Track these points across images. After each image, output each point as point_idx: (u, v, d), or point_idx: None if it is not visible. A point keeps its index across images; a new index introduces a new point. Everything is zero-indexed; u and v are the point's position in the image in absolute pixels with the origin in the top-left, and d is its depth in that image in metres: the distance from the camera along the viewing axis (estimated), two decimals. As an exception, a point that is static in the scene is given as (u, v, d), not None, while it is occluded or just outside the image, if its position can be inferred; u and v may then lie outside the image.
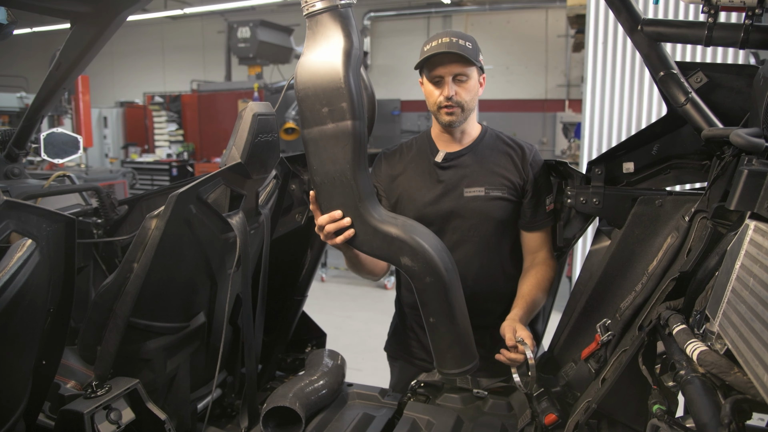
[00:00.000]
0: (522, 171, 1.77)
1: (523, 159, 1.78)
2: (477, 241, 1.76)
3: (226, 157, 1.47)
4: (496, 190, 1.75)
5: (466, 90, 1.69)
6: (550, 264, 1.80)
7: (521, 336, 1.52)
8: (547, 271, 1.78)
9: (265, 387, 1.97)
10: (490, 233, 1.76)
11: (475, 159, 1.78)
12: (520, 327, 1.57)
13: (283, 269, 1.97)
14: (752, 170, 1.00)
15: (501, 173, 1.76)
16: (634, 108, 4.38)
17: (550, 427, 1.50)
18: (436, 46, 1.65)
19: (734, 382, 0.91)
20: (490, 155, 1.79)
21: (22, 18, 2.08)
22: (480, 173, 1.76)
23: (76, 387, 1.46)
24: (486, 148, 1.80)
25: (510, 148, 1.80)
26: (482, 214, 1.75)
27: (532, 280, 1.75)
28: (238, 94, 8.87)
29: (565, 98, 11.93)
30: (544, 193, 1.78)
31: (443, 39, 1.66)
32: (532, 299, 1.69)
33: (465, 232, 1.76)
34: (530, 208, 1.77)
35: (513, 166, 1.77)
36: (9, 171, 2.16)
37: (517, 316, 1.63)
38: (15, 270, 0.99)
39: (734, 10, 1.30)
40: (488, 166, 1.77)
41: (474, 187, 1.75)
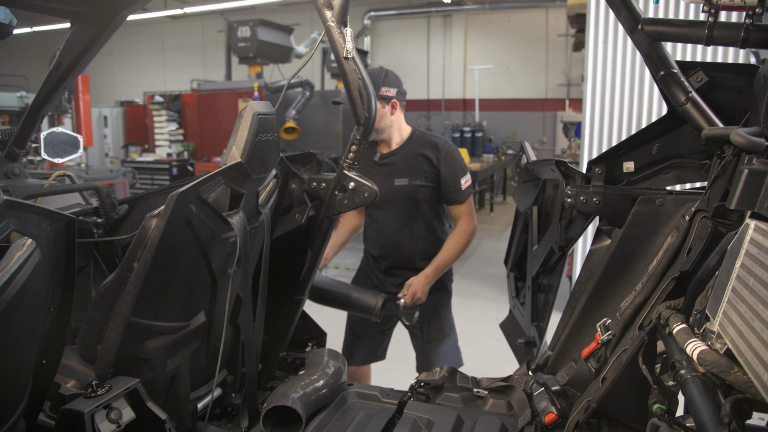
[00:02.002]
0: (436, 163, 2.41)
1: (438, 153, 2.41)
2: (407, 216, 2.48)
3: (226, 157, 1.47)
4: (416, 179, 2.42)
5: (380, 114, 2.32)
6: (464, 228, 2.48)
7: (409, 290, 2.38)
8: (461, 234, 2.48)
9: (266, 386, 1.98)
10: (415, 210, 2.47)
11: (402, 157, 2.44)
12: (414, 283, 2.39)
13: (284, 268, 1.98)
14: (752, 170, 1.00)
15: (420, 167, 2.42)
16: (634, 107, 4.38)
17: (550, 426, 1.50)
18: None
19: (734, 382, 0.91)
20: (413, 154, 2.44)
21: (22, 17, 2.08)
22: (405, 168, 2.43)
23: (76, 386, 1.46)
24: (410, 148, 2.45)
25: (428, 147, 2.43)
26: (408, 197, 2.45)
27: (446, 246, 2.46)
28: (239, 93, 8.87)
29: (565, 97, 11.94)
30: (458, 175, 2.42)
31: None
32: (439, 261, 2.43)
33: (398, 210, 2.48)
34: (448, 188, 2.43)
35: (429, 160, 2.41)
36: (9, 170, 2.16)
37: (422, 275, 2.41)
38: (15, 269, 0.99)
39: (734, 9, 1.30)
40: (410, 162, 2.43)
41: (401, 178, 2.43)
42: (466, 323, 4.77)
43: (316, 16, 1.70)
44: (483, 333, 4.52)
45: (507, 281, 2.55)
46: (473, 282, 6.12)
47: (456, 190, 2.43)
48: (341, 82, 2.18)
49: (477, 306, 5.32)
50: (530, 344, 2.13)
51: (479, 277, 6.32)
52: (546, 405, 1.54)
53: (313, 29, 11.44)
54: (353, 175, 1.79)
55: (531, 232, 2.13)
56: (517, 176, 2.37)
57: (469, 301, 5.42)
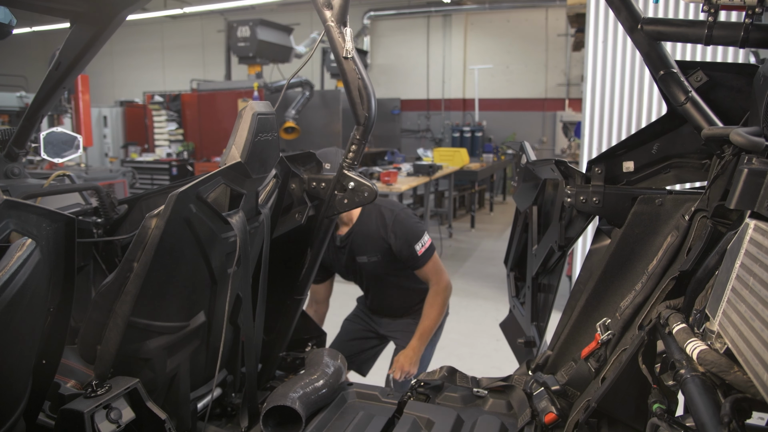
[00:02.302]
0: (386, 237, 2.50)
1: (386, 228, 2.49)
2: (378, 284, 2.66)
3: (226, 157, 1.47)
4: (373, 255, 2.55)
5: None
6: (435, 289, 2.55)
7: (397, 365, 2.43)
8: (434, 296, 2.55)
9: (265, 386, 1.98)
10: (381, 280, 2.64)
11: (358, 236, 2.55)
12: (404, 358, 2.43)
13: (283, 268, 1.97)
14: (752, 169, 1.00)
15: (374, 243, 2.53)
16: (634, 107, 4.38)
17: (549, 426, 1.50)
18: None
19: (734, 381, 0.91)
20: (366, 231, 2.54)
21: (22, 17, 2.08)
22: (362, 246, 2.55)
23: (76, 386, 1.46)
24: (362, 225, 2.54)
25: (377, 222, 2.52)
26: (370, 271, 2.61)
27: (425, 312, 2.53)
28: (238, 93, 8.87)
29: (565, 97, 11.94)
30: (411, 243, 2.47)
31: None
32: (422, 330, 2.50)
33: (369, 280, 2.67)
34: (404, 258, 2.51)
35: (380, 235, 2.51)
36: (9, 170, 2.16)
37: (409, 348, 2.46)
38: (15, 269, 0.99)
39: (734, 9, 1.30)
40: (365, 240, 2.54)
41: (361, 255, 2.57)
42: (466, 323, 4.77)
43: (316, 16, 1.70)
44: (483, 333, 4.52)
45: (507, 281, 2.56)
46: (473, 282, 6.12)
47: (413, 257, 2.49)
48: (341, 81, 2.17)
49: (477, 306, 5.32)
50: (530, 344, 2.13)
51: (479, 276, 6.32)
52: (546, 405, 1.54)
53: (312, 29, 11.45)
54: (353, 175, 1.79)
55: (531, 231, 2.12)
56: (517, 176, 2.37)
57: (468, 300, 5.42)
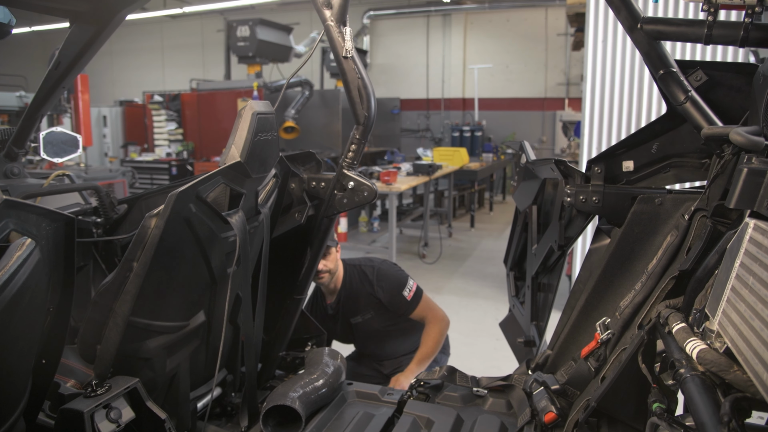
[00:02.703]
0: (375, 293, 2.58)
1: (371, 284, 2.59)
2: (376, 338, 2.69)
3: (225, 156, 1.47)
4: (367, 313, 2.64)
5: (331, 260, 2.52)
6: (432, 324, 2.64)
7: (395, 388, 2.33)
8: (432, 328, 2.64)
9: (265, 386, 1.98)
10: (377, 334, 2.67)
11: (345, 299, 2.64)
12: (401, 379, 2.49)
13: (283, 268, 1.97)
14: (752, 168, 1.00)
15: (364, 302, 2.61)
16: (633, 106, 4.38)
17: (549, 425, 1.50)
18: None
19: (734, 381, 0.91)
20: (353, 292, 2.62)
21: (22, 17, 2.07)
22: (353, 308, 2.64)
23: (76, 386, 1.46)
24: (349, 288, 2.62)
25: (361, 281, 2.61)
26: (366, 329, 2.67)
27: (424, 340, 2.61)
28: (238, 92, 8.87)
29: (564, 97, 11.94)
30: (399, 292, 2.57)
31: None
32: (420, 356, 2.58)
33: (366, 338, 2.71)
34: (395, 307, 2.59)
35: (368, 293, 2.60)
36: (8, 170, 2.16)
37: (407, 371, 2.54)
38: (14, 269, 0.99)
39: (734, 8, 1.30)
40: (355, 302, 2.63)
41: (354, 316, 2.65)
42: (466, 323, 4.77)
43: (316, 16, 1.70)
44: (482, 332, 4.52)
45: (506, 280, 2.56)
46: (473, 281, 6.12)
47: (404, 304, 2.59)
48: (341, 81, 2.17)
49: (476, 305, 5.32)
50: (530, 343, 2.13)
51: (479, 276, 6.32)
52: (545, 404, 1.54)
53: (312, 28, 11.44)
54: (353, 174, 1.79)
55: (530, 231, 2.12)
56: (517, 175, 2.36)
57: (468, 300, 5.42)
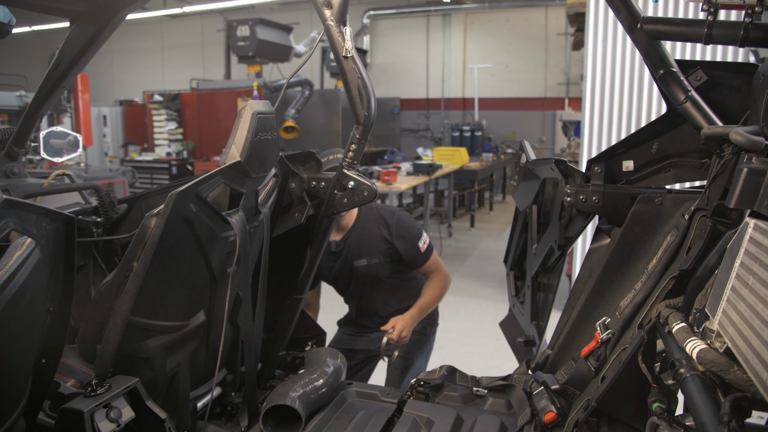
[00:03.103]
0: (391, 239, 2.49)
1: (389, 229, 2.48)
2: (373, 289, 2.59)
3: (225, 156, 1.47)
4: (374, 257, 2.51)
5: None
6: (438, 277, 2.59)
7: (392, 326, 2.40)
8: (438, 281, 2.58)
9: (265, 385, 1.98)
10: (380, 283, 2.58)
11: (355, 239, 2.52)
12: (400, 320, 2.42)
13: (283, 268, 1.97)
14: (752, 168, 1.00)
15: (376, 245, 2.50)
16: (633, 106, 4.38)
17: (549, 425, 1.50)
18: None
19: (734, 380, 0.91)
20: (365, 234, 2.51)
21: (22, 17, 2.08)
22: (361, 250, 2.52)
23: (75, 385, 1.46)
24: (361, 228, 2.52)
25: (378, 224, 2.50)
26: (369, 275, 2.55)
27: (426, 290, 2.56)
28: (238, 92, 8.87)
29: (564, 96, 11.94)
30: (415, 242, 2.50)
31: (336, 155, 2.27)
32: (421, 303, 2.52)
33: (362, 286, 2.59)
34: (409, 258, 2.52)
35: (382, 236, 2.49)
36: (8, 170, 2.16)
37: (407, 314, 2.46)
38: (14, 269, 0.99)
39: (734, 8, 1.30)
40: (365, 242, 2.51)
41: (359, 259, 2.52)
42: (466, 322, 4.77)
43: (316, 15, 1.70)
44: (482, 332, 4.53)
45: (506, 280, 2.56)
46: (472, 281, 6.13)
47: (417, 255, 2.53)
48: (341, 81, 2.17)
49: (476, 305, 5.32)
50: (530, 343, 2.13)
51: (478, 276, 6.32)
52: (545, 404, 1.54)
53: (312, 28, 11.45)
54: (353, 174, 1.79)
55: (530, 231, 2.12)
56: (517, 175, 2.36)
57: (468, 300, 5.42)
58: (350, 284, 2.61)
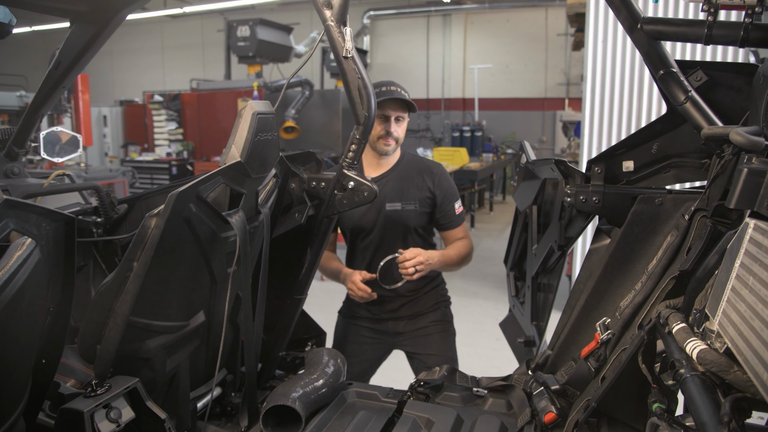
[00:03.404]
0: (432, 187, 2.32)
1: (433, 177, 2.33)
2: (398, 241, 2.32)
3: (225, 156, 1.47)
4: (409, 204, 2.30)
5: (402, 129, 2.29)
6: (464, 242, 2.37)
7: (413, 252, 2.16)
8: (464, 244, 2.37)
9: (265, 386, 1.98)
10: (407, 236, 2.34)
11: (394, 180, 2.32)
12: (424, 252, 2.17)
13: (283, 268, 1.97)
14: (752, 169, 1.00)
15: (414, 191, 2.31)
16: (633, 106, 4.38)
17: (549, 425, 1.50)
18: (390, 91, 2.19)
19: (734, 381, 0.91)
20: (405, 177, 2.33)
21: (22, 17, 2.08)
22: (396, 191, 2.31)
23: (75, 386, 1.46)
24: (402, 171, 2.34)
25: (422, 170, 2.34)
26: (399, 223, 2.31)
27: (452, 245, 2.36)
28: (238, 92, 8.88)
29: (564, 97, 11.94)
30: (452, 200, 2.36)
31: (392, 87, 2.21)
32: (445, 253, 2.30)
33: (388, 237, 2.32)
34: (442, 213, 2.35)
35: (425, 184, 2.32)
36: (8, 170, 2.16)
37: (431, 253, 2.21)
38: (14, 269, 0.99)
39: (734, 8, 1.30)
40: (403, 186, 2.31)
41: (393, 202, 2.30)
42: (466, 322, 4.77)
43: (316, 16, 1.70)
44: (482, 332, 4.53)
45: (506, 280, 2.55)
46: (473, 281, 6.12)
47: (450, 215, 2.37)
48: (341, 81, 2.18)
49: (476, 305, 5.32)
50: (530, 343, 2.13)
51: (479, 276, 6.32)
52: (545, 404, 1.54)
53: (312, 28, 11.45)
54: (353, 175, 1.79)
55: (531, 231, 2.12)
56: (517, 175, 2.37)
57: (468, 300, 5.42)
58: (373, 230, 2.33)
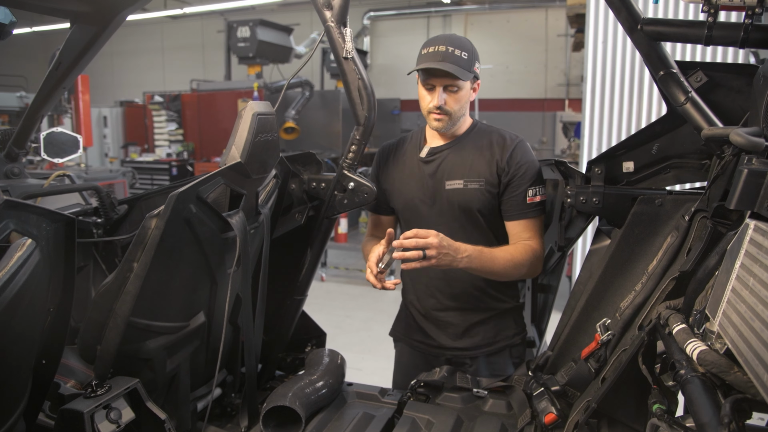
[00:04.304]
0: (500, 164, 1.81)
1: (503, 152, 1.82)
2: (457, 227, 1.84)
3: (225, 157, 1.47)
4: (473, 181, 1.83)
5: (455, 100, 1.77)
6: (529, 244, 1.80)
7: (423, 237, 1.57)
8: (526, 246, 1.79)
9: (265, 386, 1.98)
10: (469, 224, 1.86)
11: (457, 153, 1.87)
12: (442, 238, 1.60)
13: (283, 269, 1.97)
14: (752, 169, 1.00)
15: (480, 165, 1.83)
16: (633, 107, 4.38)
17: (549, 426, 1.50)
18: (431, 54, 1.72)
19: (734, 382, 0.91)
20: (472, 149, 1.86)
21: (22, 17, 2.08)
22: (460, 166, 1.85)
23: (76, 386, 1.46)
24: (469, 142, 1.88)
25: (492, 143, 1.85)
26: (461, 205, 1.84)
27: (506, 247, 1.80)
28: (238, 93, 8.87)
29: (564, 97, 11.93)
30: (525, 184, 1.80)
31: (440, 47, 1.71)
32: (489, 252, 1.73)
33: (446, 219, 1.85)
34: (509, 197, 1.82)
35: (493, 159, 1.82)
36: (9, 170, 2.16)
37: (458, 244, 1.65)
38: (15, 269, 0.99)
39: (734, 9, 1.30)
40: (468, 159, 1.85)
41: (454, 179, 1.84)
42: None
43: (316, 16, 1.70)
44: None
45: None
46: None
47: (517, 201, 1.80)
48: (341, 82, 2.18)
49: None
50: (530, 344, 2.13)
51: (479, 277, 6.31)
52: (546, 405, 1.54)
53: (312, 29, 11.44)
54: (353, 175, 1.79)
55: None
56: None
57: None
58: (429, 212, 1.88)
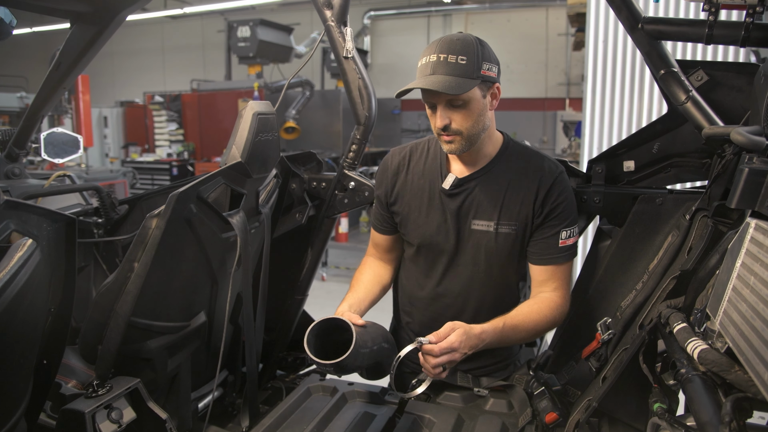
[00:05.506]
0: (536, 202, 1.51)
1: (540, 187, 1.51)
2: (481, 274, 1.59)
3: (226, 156, 1.47)
4: (505, 225, 1.53)
5: (464, 116, 1.45)
6: (552, 299, 1.53)
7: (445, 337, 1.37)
8: (548, 307, 1.52)
9: (266, 386, 1.98)
10: (496, 269, 1.58)
11: (486, 186, 1.54)
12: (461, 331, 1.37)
13: (284, 268, 1.98)
14: (753, 168, 1.00)
15: (512, 205, 1.53)
16: (634, 106, 4.38)
17: (550, 425, 1.50)
18: (423, 67, 1.47)
19: (735, 381, 0.91)
20: (504, 182, 1.53)
21: (22, 17, 2.08)
22: (489, 204, 1.53)
23: (77, 386, 1.46)
24: (501, 171, 1.55)
25: (528, 172, 1.53)
26: (488, 251, 1.55)
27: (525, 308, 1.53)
28: (239, 93, 8.88)
29: (565, 97, 11.93)
30: (559, 226, 1.52)
31: (431, 57, 1.46)
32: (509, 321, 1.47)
33: (469, 264, 1.59)
34: (538, 240, 1.54)
35: (528, 196, 1.52)
36: (9, 171, 2.16)
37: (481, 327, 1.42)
38: (15, 270, 0.99)
39: (735, 8, 1.30)
40: (499, 196, 1.53)
41: (482, 219, 1.54)
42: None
43: (316, 16, 1.70)
44: (483, 332, 4.51)
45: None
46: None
47: (549, 245, 1.53)
48: (341, 81, 2.18)
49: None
50: (530, 343, 2.13)
51: (479, 276, 6.32)
52: (547, 404, 1.53)
53: (313, 29, 11.44)
54: (353, 175, 1.79)
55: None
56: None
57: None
58: (450, 249, 1.59)
